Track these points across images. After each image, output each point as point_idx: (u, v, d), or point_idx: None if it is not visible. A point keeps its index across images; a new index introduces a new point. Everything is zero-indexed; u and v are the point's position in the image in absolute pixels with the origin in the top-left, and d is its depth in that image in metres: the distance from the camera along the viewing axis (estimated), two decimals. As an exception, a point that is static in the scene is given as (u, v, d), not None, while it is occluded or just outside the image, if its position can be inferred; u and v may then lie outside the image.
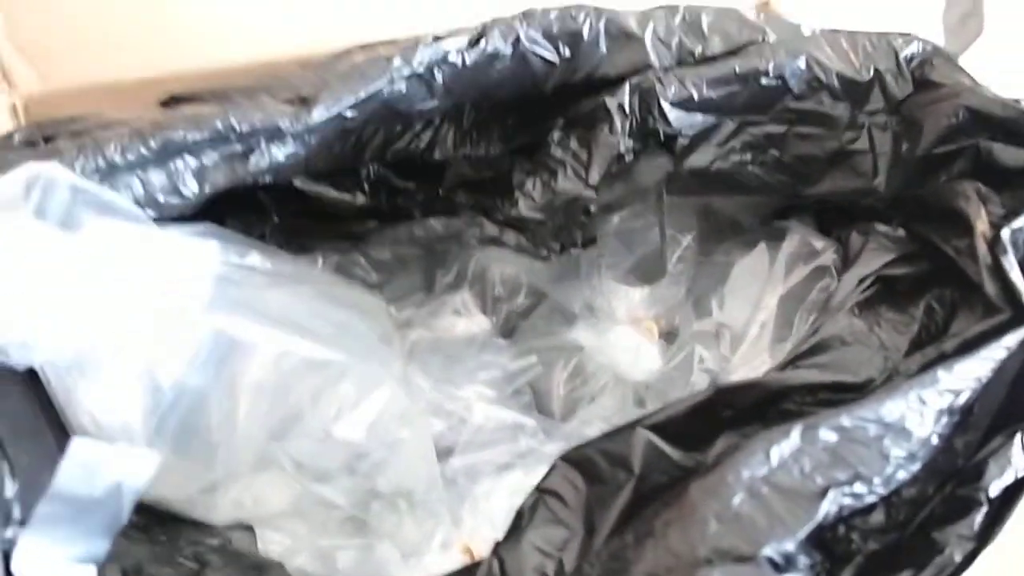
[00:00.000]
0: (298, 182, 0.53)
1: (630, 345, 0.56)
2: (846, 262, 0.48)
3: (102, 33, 0.59)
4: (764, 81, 0.50)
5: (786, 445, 0.36)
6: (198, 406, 0.45)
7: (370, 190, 0.55)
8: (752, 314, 0.53)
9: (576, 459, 0.43)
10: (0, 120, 0.58)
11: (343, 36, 0.53)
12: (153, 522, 0.47)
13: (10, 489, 0.36)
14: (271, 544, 0.49)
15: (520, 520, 0.42)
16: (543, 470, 0.43)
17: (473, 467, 0.53)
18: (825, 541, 0.38)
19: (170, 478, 0.46)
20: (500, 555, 0.41)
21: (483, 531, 0.49)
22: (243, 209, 0.54)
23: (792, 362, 0.42)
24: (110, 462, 0.37)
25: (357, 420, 0.48)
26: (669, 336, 0.58)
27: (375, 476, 0.50)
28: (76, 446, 0.36)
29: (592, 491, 0.42)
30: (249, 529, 0.48)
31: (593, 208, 0.51)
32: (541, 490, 0.43)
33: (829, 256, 0.51)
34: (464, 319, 0.60)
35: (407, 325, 0.60)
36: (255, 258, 0.50)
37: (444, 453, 0.54)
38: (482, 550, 0.48)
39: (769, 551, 0.35)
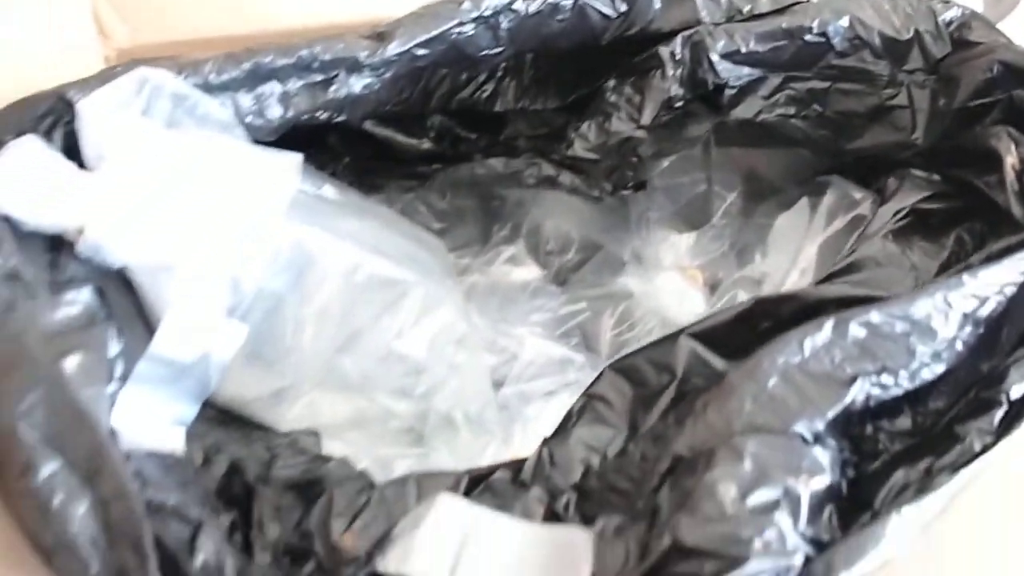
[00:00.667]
0: (368, 125, 0.57)
1: (675, 289, 0.59)
2: (882, 203, 0.50)
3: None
4: (809, 38, 0.53)
5: (819, 337, 0.39)
6: (274, 311, 0.49)
7: (435, 137, 0.59)
8: (792, 262, 0.56)
9: (622, 367, 0.46)
10: (96, 70, 0.63)
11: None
12: (227, 419, 0.51)
13: (115, 348, 0.40)
14: (333, 452, 0.53)
15: (568, 420, 0.46)
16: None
17: (524, 393, 0.56)
18: (853, 436, 0.40)
19: (243, 380, 0.50)
20: (549, 448, 0.44)
21: (533, 447, 0.52)
22: (316, 150, 0.58)
23: (828, 279, 0.45)
24: (202, 330, 0.41)
25: (418, 337, 0.52)
26: (713, 286, 0.61)
27: (432, 395, 0.54)
28: (173, 313, 0.40)
29: (636, 395, 0.45)
30: (314, 434, 0.52)
31: (643, 153, 0.54)
32: (589, 395, 0.46)
33: (867, 206, 0.54)
34: (518, 268, 0.64)
35: (464, 271, 0.64)
36: (328, 190, 0.54)
37: (496, 385, 0.58)
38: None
39: (800, 428, 0.37)
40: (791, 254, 0.57)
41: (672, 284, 0.60)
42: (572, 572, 0.35)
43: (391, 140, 0.58)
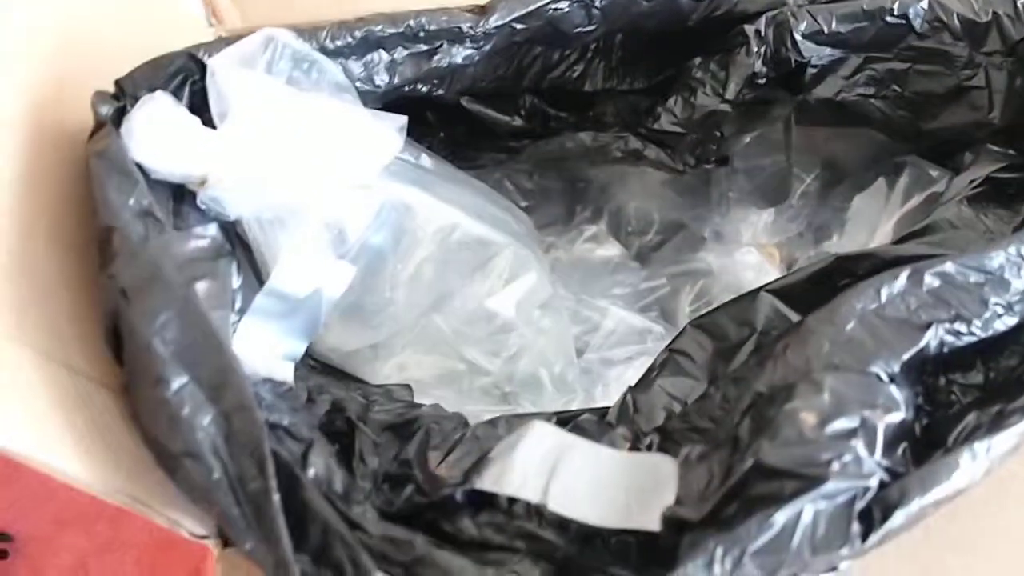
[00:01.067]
0: (464, 101, 0.60)
1: (753, 265, 0.61)
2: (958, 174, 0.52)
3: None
4: (889, 19, 0.55)
5: (895, 285, 0.41)
6: (375, 264, 0.52)
7: (526, 115, 0.62)
8: (869, 239, 0.58)
9: (703, 323, 0.49)
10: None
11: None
12: (326, 368, 0.55)
13: (236, 281, 0.43)
14: (424, 405, 0.56)
15: (652, 371, 0.48)
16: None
17: (605, 359, 0.59)
18: (928, 385, 0.42)
19: (342, 333, 0.53)
20: (634, 396, 0.47)
21: (615, 404, 0.55)
22: (414, 124, 0.61)
23: (905, 239, 0.47)
24: (316, 267, 0.44)
25: (507, 297, 0.55)
26: (789, 264, 0.63)
27: (518, 355, 0.56)
28: (289, 251, 0.43)
29: (717, 348, 0.47)
30: (407, 387, 0.55)
31: (726, 130, 0.57)
32: (671, 349, 0.49)
33: (944, 184, 0.56)
34: (601, 247, 0.67)
35: (549, 248, 0.67)
36: (425, 160, 0.57)
37: (579, 351, 0.60)
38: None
39: (876, 368, 0.39)
40: (868, 233, 0.59)
41: (750, 260, 0.62)
42: (657, 493, 0.38)
43: (484, 116, 0.61)
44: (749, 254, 0.62)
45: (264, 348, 0.43)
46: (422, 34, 0.52)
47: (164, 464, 0.39)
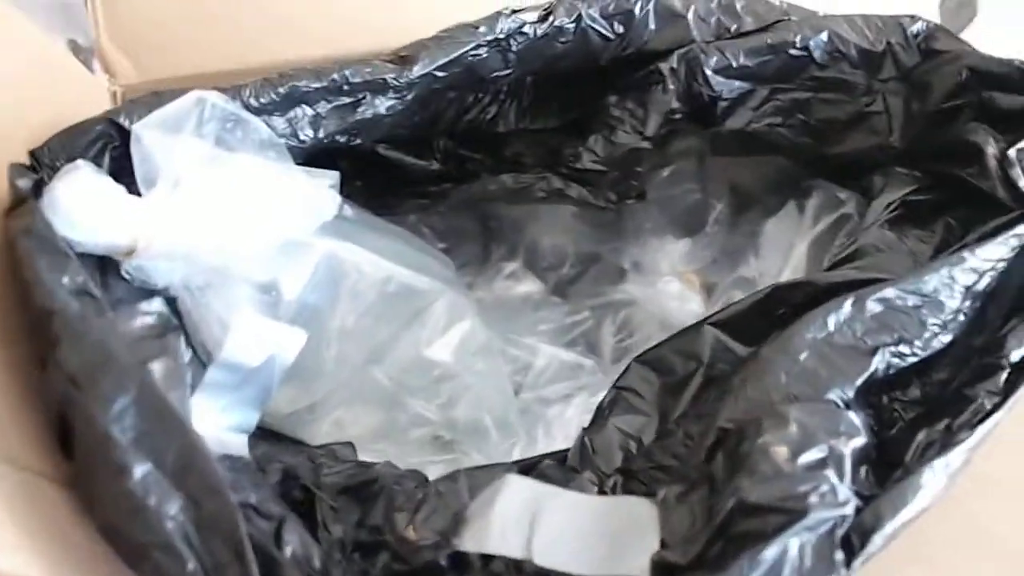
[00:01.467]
0: (380, 149, 0.60)
1: (675, 293, 0.63)
2: (870, 199, 0.55)
3: (192, 29, 0.66)
4: (792, 52, 0.57)
5: (841, 313, 0.43)
6: (312, 323, 0.51)
7: (441, 158, 0.62)
8: (785, 260, 0.60)
9: (648, 359, 0.50)
10: (104, 105, 0.65)
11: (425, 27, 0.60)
12: (267, 433, 0.53)
13: (186, 355, 0.42)
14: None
15: (602, 411, 0.49)
16: (608, 396, 0.49)
17: (542, 398, 0.59)
18: (874, 405, 0.44)
19: (280, 395, 0.52)
20: (589, 437, 0.47)
21: (558, 445, 0.55)
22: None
23: (835, 266, 0.49)
24: (268, 333, 0.43)
25: (445, 344, 0.54)
26: (709, 288, 0.65)
27: (459, 403, 0.56)
28: (241, 318, 0.42)
29: (664, 383, 0.48)
30: (349, 444, 0.54)
31: (645, 165, 0.58)
32: (619, 387, 0.49)
33: (852, 205, 0.59)
34: (520, 283, 0.67)
35: (469, 288, 0.67)
36: (347, 210, 0.56)
37: (514, 391, 0.60)
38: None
39: (833, 396, 0.41)
40: (783, 253, 0.61)
41: (672, 289, 0.64)
42: (640, 538, 0.38)
43: (402, 162, 0.61)
44: (671, 283, 0.63)
45: (216, 426, 0.42)
46: (346, 87, 0.51)
47: (128, 558, 0.38)
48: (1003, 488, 0.46)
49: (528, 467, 0.46)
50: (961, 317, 0.45)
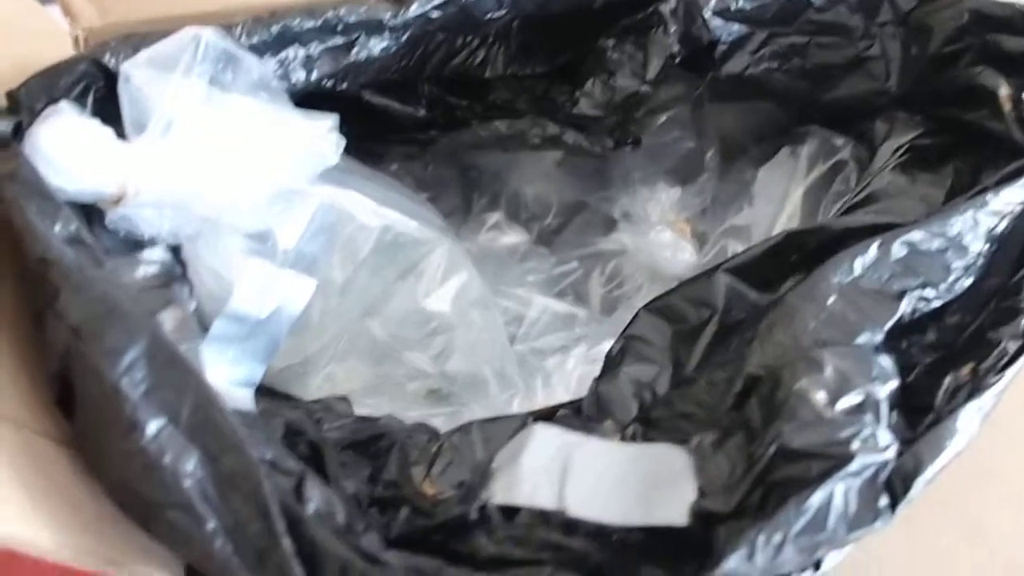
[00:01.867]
0: (366, 95, 0.57)
1: (667, 242, 0.62)
2: (868, 144, 0.54)
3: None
4: (790, -6, 0.56)
5: (867, 257, 0.42)
6: (309, 274, 0.49)
7: (427, 104, 0.59)
8: (779, 209, 0.60)
9: (658, 307, 0.48)
10: (66, 50, 0.61)
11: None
12: (262, 389, 0.51)
13: (191, 304, 0.39)
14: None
15: (612, 360, 0.47)
16: (605, 347, 0.48)
17: (536, 348, 0.58)
18: (895, 349, 0.43)
19: (275, 349, 0.50)
20: (602, 387, 0.46)
21: (559, 397, 0.54)
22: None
23: (847, 211, 0.48)
24: (277, 283, 0.41)
25: (444, 295, 0.53)
26: (700, 237, 0.64)
27: (457, 355, 0.55)
28: (251, 267, 0.40)
29: (676, 331, 0.47)
30: (344, 399, 0.52)
31: (642, 110, 0.57)
32: (628, 336, 0.48)
33: (847, 151, 0.58)
34: (504, 235, 0.65)
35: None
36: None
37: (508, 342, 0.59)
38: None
39: (863, 340, 0.40)
40: (777, 201, 0.60)
41: (665, 238, 0.62)
42: (676, 485, 0.37)
43: (387, 109, 0.58)
44: (663, 232, 0.62)
45: (223, 380, 0.40)
46: (340, 27, 0.49)
47: (141, 518, 0.35)
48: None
49: (543, 417, 0.45)
50: (981, 261, 0.44)
